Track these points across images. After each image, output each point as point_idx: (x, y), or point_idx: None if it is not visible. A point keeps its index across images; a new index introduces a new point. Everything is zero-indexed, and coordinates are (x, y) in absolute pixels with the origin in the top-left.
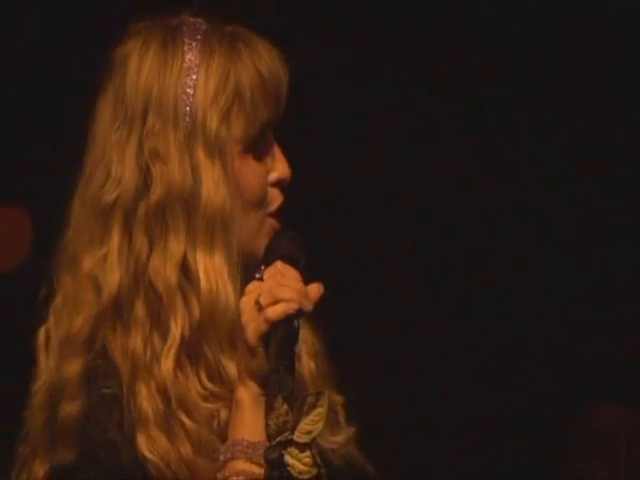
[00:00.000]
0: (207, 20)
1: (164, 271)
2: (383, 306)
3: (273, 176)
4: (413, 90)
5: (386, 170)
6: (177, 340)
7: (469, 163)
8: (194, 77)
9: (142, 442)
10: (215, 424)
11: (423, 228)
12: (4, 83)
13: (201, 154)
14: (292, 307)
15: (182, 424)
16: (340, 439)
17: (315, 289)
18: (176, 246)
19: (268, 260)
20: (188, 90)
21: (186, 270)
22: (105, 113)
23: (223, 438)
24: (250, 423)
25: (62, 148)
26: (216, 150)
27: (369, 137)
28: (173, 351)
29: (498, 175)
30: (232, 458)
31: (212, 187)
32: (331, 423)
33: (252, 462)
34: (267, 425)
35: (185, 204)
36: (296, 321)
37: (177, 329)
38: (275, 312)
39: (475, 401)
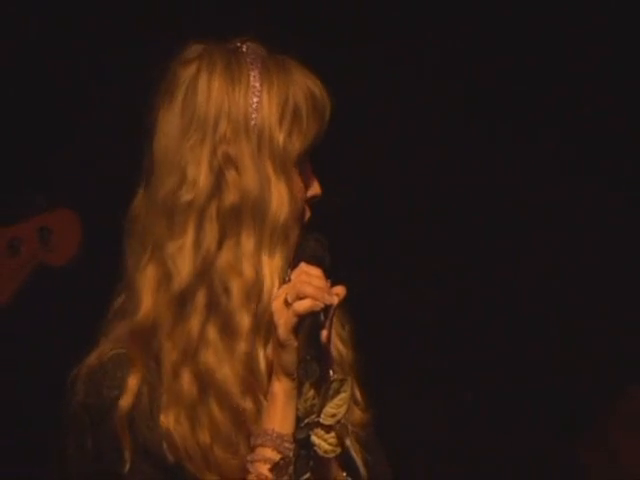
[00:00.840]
0: (260, 47)
1: (239, 267)
2: (379, 306)
3: (310, 192)
4: (412, 89)
5: (384, 169)
6: (248, 331)
7: (467, 162)
8: (258, 95)
9: (166, 421)
10: (242, 417)
11: (420, 228)
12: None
13: (270, 168)
14: (317, 303)
15: (210, 412)
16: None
17: (338, 290)
18: (248, 245)
19: (295, 263)
20: (254, 106)
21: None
22: (172, 124)
23: (244, 430)
24: (281, 415)
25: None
26: (281, 166)
27: (368, 136)
28: (247, 342)
29: (497, 173)
30: (261, 445)
31: (279, 200)
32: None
33: (278, 451)
34: (296, 409)
35: (257, 211)
36: (322, 314)
37: (246, 322)
38: (302, 306)
39: (475, 400)
